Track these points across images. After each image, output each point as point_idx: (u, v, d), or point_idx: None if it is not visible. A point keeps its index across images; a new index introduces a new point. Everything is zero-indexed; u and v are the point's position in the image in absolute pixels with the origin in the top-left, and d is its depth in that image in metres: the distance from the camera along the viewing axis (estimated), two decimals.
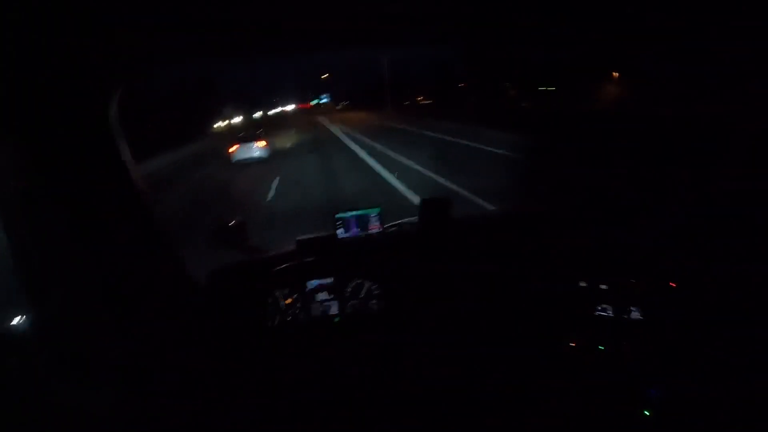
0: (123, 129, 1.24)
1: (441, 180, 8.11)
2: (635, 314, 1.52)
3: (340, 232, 1.80)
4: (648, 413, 1.41)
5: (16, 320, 1.05)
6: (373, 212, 1.81)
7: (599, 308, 1.57)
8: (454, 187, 7.40)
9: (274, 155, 13.56)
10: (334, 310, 1.72)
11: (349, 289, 1.73)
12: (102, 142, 1.17)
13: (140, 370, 1.26)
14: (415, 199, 6.61)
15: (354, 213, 1.80)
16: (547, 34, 1.33)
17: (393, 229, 1.93)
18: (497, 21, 1.22)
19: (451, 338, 1.67)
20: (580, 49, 1.66)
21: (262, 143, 13.45)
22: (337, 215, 1.80)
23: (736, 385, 1.31)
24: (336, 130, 21.86)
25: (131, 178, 1.26)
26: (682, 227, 1.54)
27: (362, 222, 1.81)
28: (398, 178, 8.46)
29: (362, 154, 12.46)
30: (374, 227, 1.82)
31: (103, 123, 1.17)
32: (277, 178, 9.84)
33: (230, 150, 13.52)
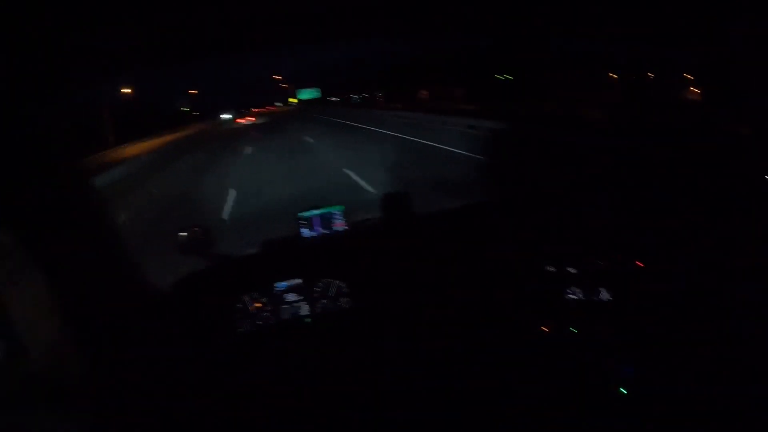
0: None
1: None
2: (604, 295, 1.54)
3: (304, 231, 1.77)
4: (624, 391, 1.42)
5: None
6: (336, 210, 1.79)
7: (569, 291, 1.58)
8: None
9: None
10: (304, 311, 1.69)
11: (318, 289, 1.70)
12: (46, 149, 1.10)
13: (111, 393, 1.21)
14: None
15: (316, 212, 1.78)
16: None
17: (361, 225, 1.89)
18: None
19: (424, 331, 1.66)
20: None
21: (252, 118, 31.59)
22: (300, 214, 1.77)
23: (706, 359, 1.34)
24: None
25: (86, 185, 1.21)
26: (648, 205, 1.57)
27: (326, 220, 1.78)
28: None
29: None
30: (339, 225, 1.79)
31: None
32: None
33: (238, 120, 32.06)
